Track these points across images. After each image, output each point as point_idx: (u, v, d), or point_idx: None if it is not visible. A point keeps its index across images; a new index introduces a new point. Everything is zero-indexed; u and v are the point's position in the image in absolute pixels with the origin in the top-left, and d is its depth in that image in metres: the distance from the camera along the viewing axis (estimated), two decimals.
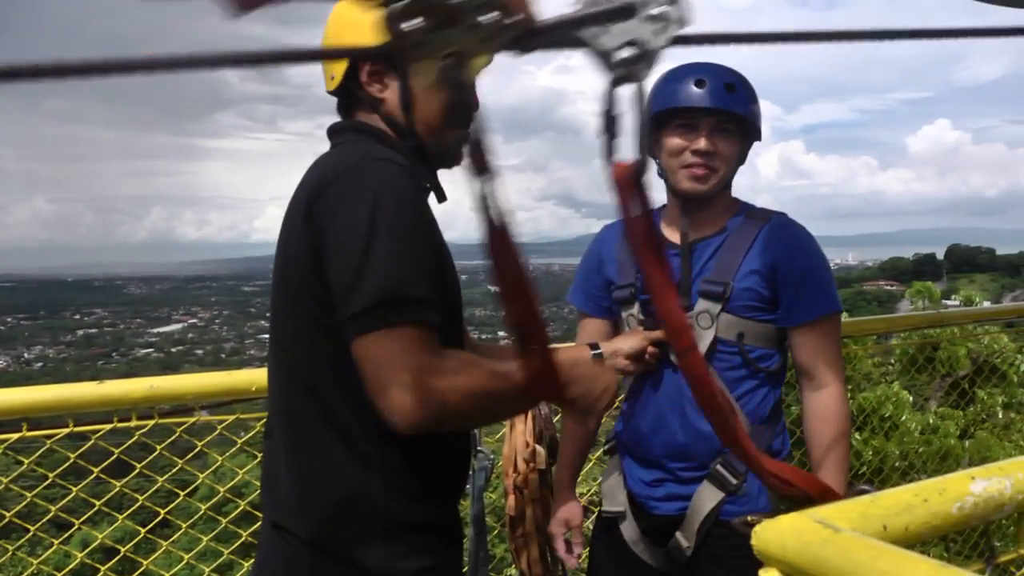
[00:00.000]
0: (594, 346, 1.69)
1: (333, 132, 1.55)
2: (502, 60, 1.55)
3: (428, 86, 1.41)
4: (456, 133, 1.44)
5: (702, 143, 1.88)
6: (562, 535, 2.10)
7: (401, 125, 1.46)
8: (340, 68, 1.49)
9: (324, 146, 1.55)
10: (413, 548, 1.38)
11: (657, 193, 1.95)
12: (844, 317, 2.72)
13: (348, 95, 1.53)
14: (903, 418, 4.31)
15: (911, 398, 4.55)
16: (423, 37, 0.74)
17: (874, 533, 0.87)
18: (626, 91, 0.86)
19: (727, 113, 1.87)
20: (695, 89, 1.86)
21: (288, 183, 1.50)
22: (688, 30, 0.82)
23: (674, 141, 1.91)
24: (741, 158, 1.95)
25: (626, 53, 0.83)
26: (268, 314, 1.50)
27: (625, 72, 0.84)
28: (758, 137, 1.98)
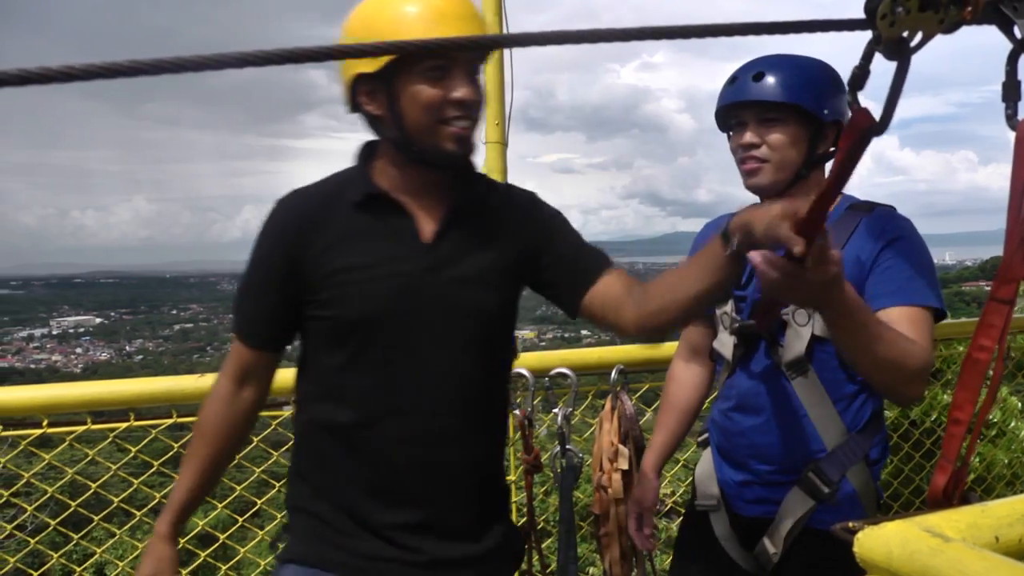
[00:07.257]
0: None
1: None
2: (584, 59, 1.50)
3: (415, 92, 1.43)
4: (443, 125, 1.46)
5: (745, 137, 1.82)
6: (635, 514, 2.10)
7: (399, 138, 1.50)
8: (345, 93, 1.53)
9: None
10: None
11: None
12: None
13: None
14: (1011, 425, 4.08)
15: (1020, 404, 4.31)
16: (902, 20, 0.97)
17: (985, 544, 0.83)
18: None
19: (761, 103, 1.78)
20: (729, 87, 1.82)
21: None
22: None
23: (731, 142, 1.88)
24: (811, 144, 1.79)
25: None
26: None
27: None
28: (830, 118, 1.78)
